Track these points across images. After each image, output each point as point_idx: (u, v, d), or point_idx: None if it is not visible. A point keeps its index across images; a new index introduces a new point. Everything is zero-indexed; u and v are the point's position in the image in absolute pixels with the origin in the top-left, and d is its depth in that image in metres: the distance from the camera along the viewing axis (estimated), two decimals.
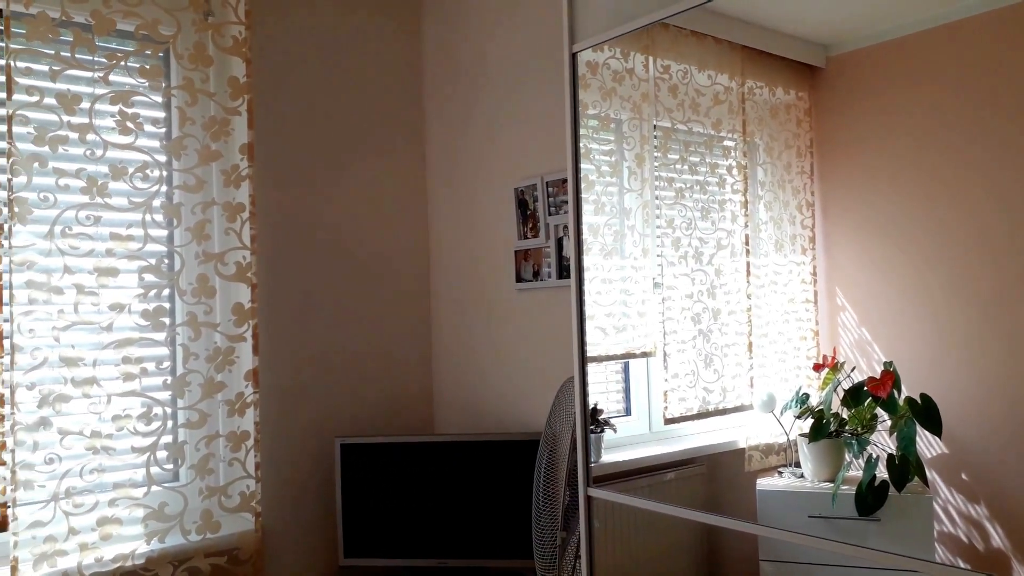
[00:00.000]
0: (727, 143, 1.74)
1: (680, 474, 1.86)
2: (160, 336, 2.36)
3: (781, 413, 1.63)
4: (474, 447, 2.52)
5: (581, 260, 1.96)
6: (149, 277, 2.34)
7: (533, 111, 2.59)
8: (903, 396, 1.43)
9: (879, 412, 1.46)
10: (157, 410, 2.33)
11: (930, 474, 1.39)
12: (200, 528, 2.36)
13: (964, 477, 1.36)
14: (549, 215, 2.50)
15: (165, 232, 2.42)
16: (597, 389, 1.97)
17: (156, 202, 2.36)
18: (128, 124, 2.31)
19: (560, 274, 2.48)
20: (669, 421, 1.82)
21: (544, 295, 2.55)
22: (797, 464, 1.61)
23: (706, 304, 1.77)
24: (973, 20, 1.34)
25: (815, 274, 1.57)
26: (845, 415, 1.52)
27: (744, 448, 1.70)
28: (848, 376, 1.51)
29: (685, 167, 1.81)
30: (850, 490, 1.50)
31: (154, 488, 2.31)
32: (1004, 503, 1.31)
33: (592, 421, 1.96)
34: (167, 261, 2.43)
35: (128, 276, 2.32)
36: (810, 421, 1.58)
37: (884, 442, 1.45)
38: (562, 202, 2.47)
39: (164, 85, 2.41)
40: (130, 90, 2.32)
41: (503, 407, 2.72)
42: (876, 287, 1.47)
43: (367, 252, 2.89)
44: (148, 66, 2.35)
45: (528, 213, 2.58)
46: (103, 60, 2.28)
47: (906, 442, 1.42)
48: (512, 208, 2.65)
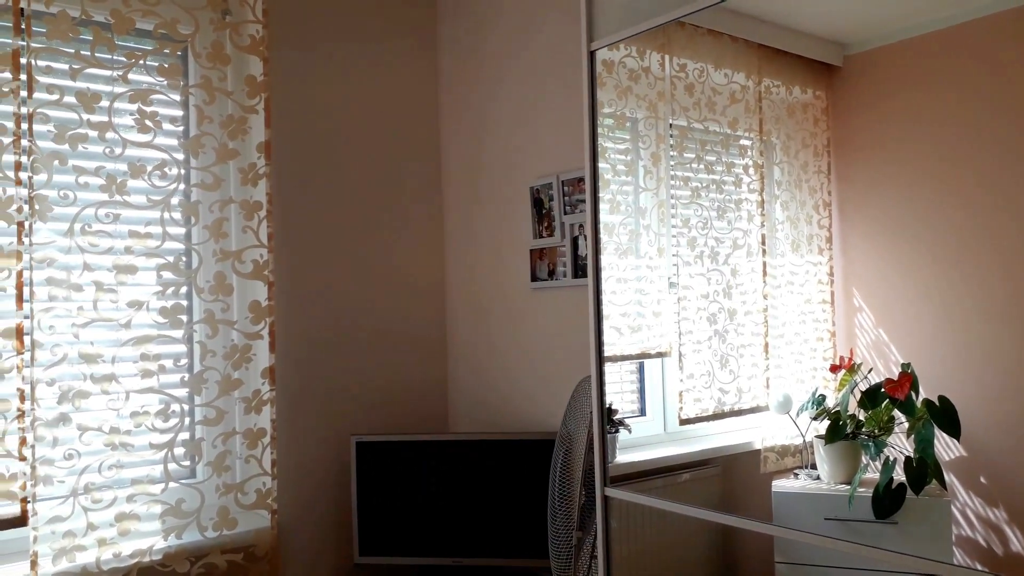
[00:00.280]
0: (744, 142, 1.72)
1: (695, 475, 1.85)
2: (178, 333, 2.38)
3: (797, 414, 1.62)
4: (489, 446, 2.52)
5: (599, 259, 1.95)
6: (167, 275, 2.36)
7: (549, 110, 2.58)
8: (921, 398, 1.41)
9: (896, 414, 1.45)
10: (175, 407, 2.34)
11: (948, 477, 1.38)
12: (217, 524, 2.38)
13: (983, 480, 1.34)
14: (565, 214, 2.50)
15: (183, 230, 2.43)
16: (611, 389, 1.97)
17: (174, 200, 2.37)
18: (147, 122, 2.32)
19: (575, 273, 2.47)
20: (684, 422, 1.81)
21: (559, 294, 2.54)
22: (813, 466, 1.60)
23: (722, 304, 1.76)
24: (993, 19, 1.32)
25: (832, 274, 1.56)
26: (862, 417, 1.51)
27: (760, 449, 1.69)
28: (865, 377, 1.50)
29: (701, 166, 1.80)
30: (867, 492, 1.48)
31: (171, 484, 2.33)
32: None
33: (607, 421, 1.96)
34: (185, 259, 2.44)
35: (146, 273, 2.34)
36: (826, 423, 1.56)
37: (901, 444, 1.44)
38: (578, 201, 2.46)
39: (182, 84, 2.42)
40: (149, 89, 2.33)
41: (517, 406, 2.72)
42: (894, 288, 1.45)
43: (383, 251, 2.90)
44: (167, 65, 2.37)
45: (543, 212, 2.57)
46: (122, 59, 2.29)
47: (924, 444, 1.41)
48: (527, 207, 2.64)
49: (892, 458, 1.45)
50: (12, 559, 2.20)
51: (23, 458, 2.13)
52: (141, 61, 2.32)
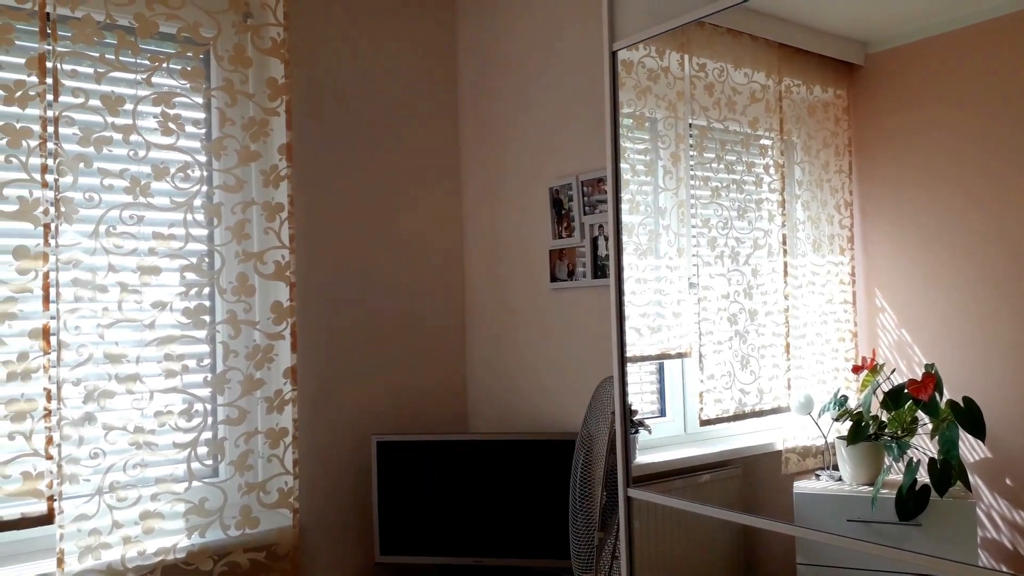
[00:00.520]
0: (764, 141, 1.72)
1: (716, 476, 1.84)
2: (201, 334, 2.40)
3: (819, 415, 1.61)
4: (509, 446, 2.52)
5: (620, 259, 1.95)
6: (190, 275, 2.38)
7: (568, 110, 2.58)
8: (945, 399, 1.40)
9: (920, 415, 1.44)
10: (198, 406, 2.36)
11: (973, 479, 1.37)
12: (239, 523, 2.39)
13: (1008, 482, 1.33)
14: (584, 214, 2.49)
15: (206, 231, 2.45)
16: (631, 390, 1.96)
17: (197, 202, 2.39)
18: (170, 125, 2.34)
19: (595, 274, 2.47)
20: (705, 423, 1.81)
21: (579, 295, 2.54)
22: (835, 467, 1.59)
23: (743, 305, 1.75)
24: (1017, 16, 1.30)
25: (853, 274, 1.55)
26: (884, 418, 1.50)
27: (781, 450, 1.68)
28: (888, 378, 1.49)
29: (721, 166, 1.79)
30: (890, 494, 1.47)
31: (195, 483, 2.35)
32: None
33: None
34: (207, 260, 2.46)
35: (170, 274, 2.36)
36: (848, 424, 1.55)
37: (925, 445, 1.43)
38: (597, 201, 2.46)
39: (204, 86, 2.44)
40: (172, 91, 2.35)
41: (537, 406, 2.72)
42: (916, 288, 1.44)
43: (403, 252, 2.91)
44: (189, 68, 2.39)
45: (563, 212, 2.57)
46: (146, 62, 2.32)
47: (948, 446, 1.39)
48: (547, 207, 2.64)
49: (916, 459, 1.44)
50: (39, 556, 2.23)
51: (49, 457, 2.15)
52: (164, 64, 2.35)
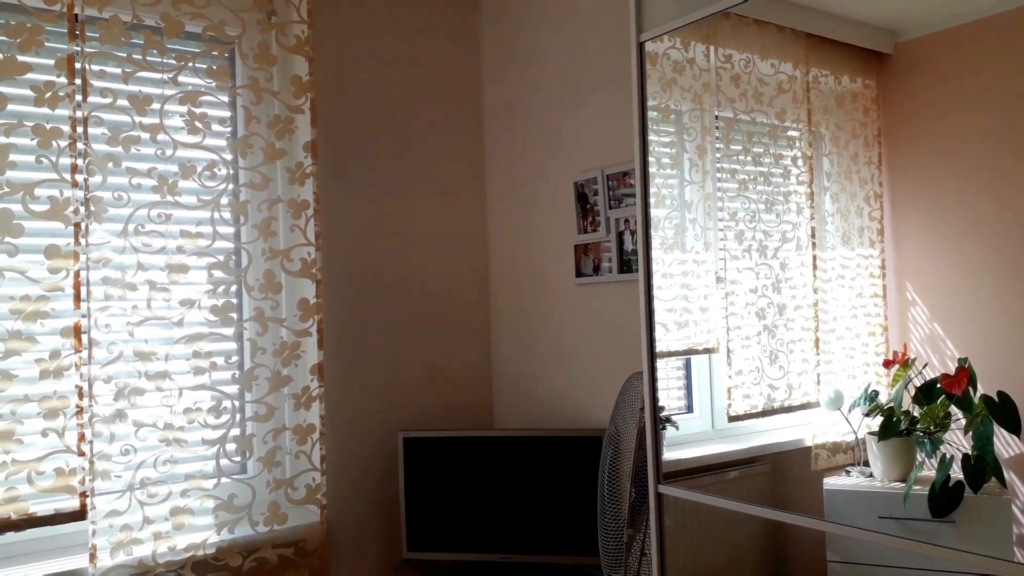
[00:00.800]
0: (791, 133, 1.69)
1: (744, 472, 1.82)
2: (228, 331, 2.41)
3: (849, 411, 1.58)
4: (535, 442, 2.51)
5: (649, 253, 1.92)
6: (218, 273, 2.40)
7: (593, 103, 2.56)
8: (978, 394, 1.37)
9: (953, 410, 1.41)
10: (226, 403, 2.38)
11: (1008, 475, 1.34)
12: (268, 519, 2.41)
13: None
14: (610, 209, 2.48)
15: (232, 229, 2.47)
16: (658, 386, 1.95)
17: (223, 200, 2.41)
18: (196, 124, 2.36)
19: (621, 268, 2.45)
20: (733, 419, 1.79)
21: (604, 290, 2.53)
22: (866, 463, 1.56)
23: (771, 299, 1.73)
24: None
25: (884, 268, 1.52)
26: (916, 413, 1.47)
27: (810, 447, 1.66)
28: (920, 373, 1.46)
29: (748, 158, 1.77)
30: (922, 491, 1.45)
31: (223, 480, 2.37)
32: None
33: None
34: (235, 258, 2.48)
35: (198, 272, 2.38)
36: (879, 419, 1.53)
37: (958, 441, 1.40)
38: (623, 195, 2.44)
39: (230, 85, 2.46)
40: (198, 90, 2.37)
41: (562, 402, 2.71)
42: (948, 281, 1.41)
43: (427, 247, 2.91)
44: (215, 67, 2.40)
45: (588, 207, 2.56)
46: (172, 62, 2.33)
47: (982, 441, 1.37)
48: (571, 202, 2.63)
49: (949, 455, 1.41)
50: (72, 552, 2.26)
51: (82, 453, 2.18)
52: (190, 63, 2.36)
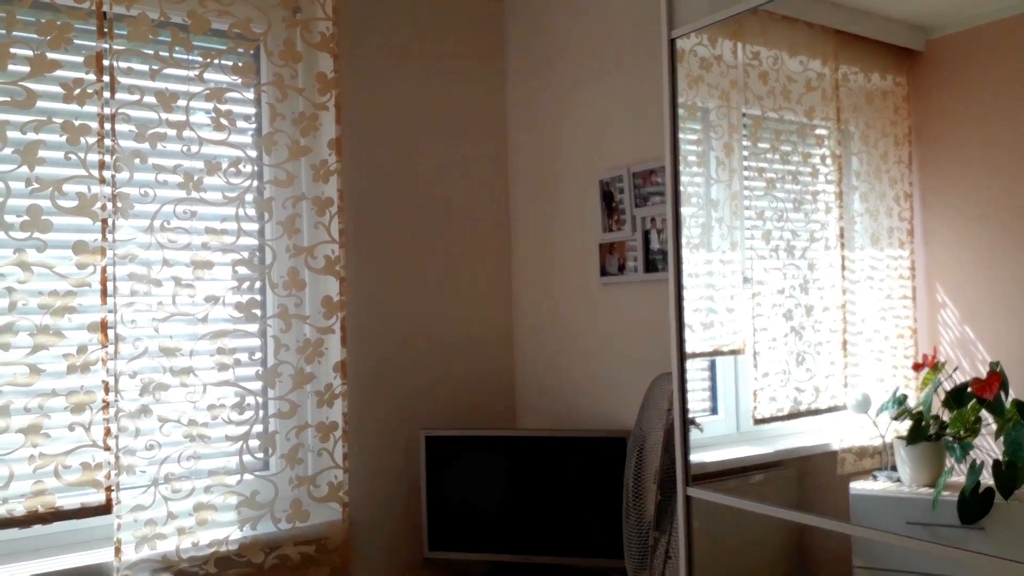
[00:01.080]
0: (820, 131, 1.67)
1: (769, 476, 1.80)
2: (252, 328, 2.42)
3: (876, 414, 1.56)
4: (559, 443, 2.49)
5: (680, 254, 1.89)
6: (242, 270, 2.40)
7: (619, 100, 2.54)
8: (1010, 398, 1.35)
9: (984, 415, 1.38)
10: (249, 400, 2.39)
11: None
12: (290, 516, 2.41)
13: None
14: (636, 207, 2.45)
15: (256, 226, 2.48)
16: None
17: (248, 197, 2.41)
18: (222, 120, 2.37)
19: (648, 268, 2.43)
20: (759, 421, 1.77)
21: (630, 290, 2.51)
22: (893, 468, 1.54)
23: (798, 300, 1.71)
24: None
25: (913, 269, 1.50)
26: (946, 417, 1.44)
27: (836, 450, 1.63)
28: (950, 376, 1.43)
29: (776, 156, 1.75)
30: (952, 496, 1.42)
31: (246, 476, 2.38)
32: None
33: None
34: (259, 254, 2.48)
35: (222, 269, 2.39)
36: (908, 423, 1.50)
37: (988, 446, 1.37)
38: (649, 194, 2.41)
39: (255, 82, 2.46)
40: (223, 87, 2.38)
41: (586, 402, 2.69)
42: (979, 283, 1.39)
43: (451, 246, 2.90)
44: (240, 63, 2.41)
45: (613, 205, 2.54)
46: (198, 59, 2.34)
47: (1014, 447, 1.34)
48: (596, 200, 2.61)
49: (979, 461, 1.39)
50: (98, 545, 2.27)
51: (107, 448, 2.20)
52: (216, 60, 2.37)
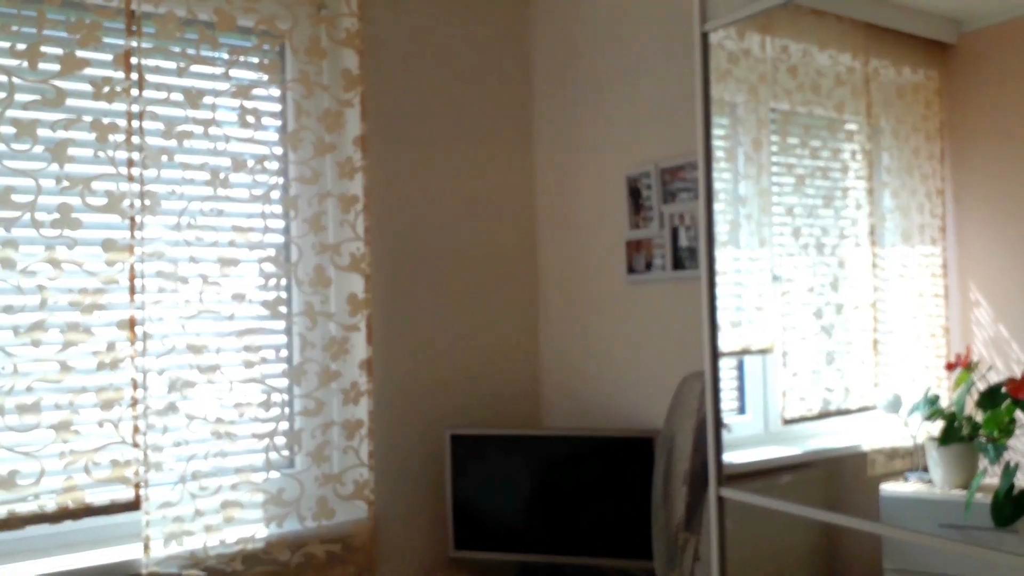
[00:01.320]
0: (850, 126, 1.64)
1: (798, 476, 1.78)
2: (278, 325, 2.43)
3: (908, 415, 1.53)
4: (585, 442, 2.47)
5: (712, 252, 1.86)
6: (268, 267, 2.41)
7: (646, 95, 2.52)
8: None
9: (1018, 416, 1.35)
10: (275, 397, 2.40)
11: None
12: (316, 515, 2.42)
13: None
14: (664, 203, 2.43)
15: (282, 224, 2.49)
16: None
17: (274, 194, 2.42)
18: (248, 118, 2.37)
19: (676, 265, 2.40)
20: (788, 422, 1.74)
21: (657, 288, 2.48)
22: (924, 469, 1.51)
23: (828, 298, 1.68)
24: None
25: (946, 266, 1.47)
26: (979, 418, 1.41)
27: (867, 451, 1.60)
28: (983, 376, 1.40)
29: (805, 152, 1.72)
30: (985, 499, 1.39)
31: (272, 474, 2.39)
32: None
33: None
34: (285, 252, 2.49)
35: (248, 266, 2.40)
36: (940, 424, 1.47)
37: (1023, 448, 1.34)
38: (678, 190, 2.39)
39: (281, 79, 2.47)
40: (250, 84, 2.38)
41: (612, 401, 2.67)
42: (1014, 280, 1.35)
43: (476, 243, 2.89)
44: (266, 61, 2.42)
45: (640, 202, 2.51)
46: (224, 56, 2.35)
47: None
48: (623, 197, 2.59)
49: (1013, 463, 1.36)
50: (126, 541, 2.29)
51: (136, 445, 2.21)
52: (242, 58, 2.38)
